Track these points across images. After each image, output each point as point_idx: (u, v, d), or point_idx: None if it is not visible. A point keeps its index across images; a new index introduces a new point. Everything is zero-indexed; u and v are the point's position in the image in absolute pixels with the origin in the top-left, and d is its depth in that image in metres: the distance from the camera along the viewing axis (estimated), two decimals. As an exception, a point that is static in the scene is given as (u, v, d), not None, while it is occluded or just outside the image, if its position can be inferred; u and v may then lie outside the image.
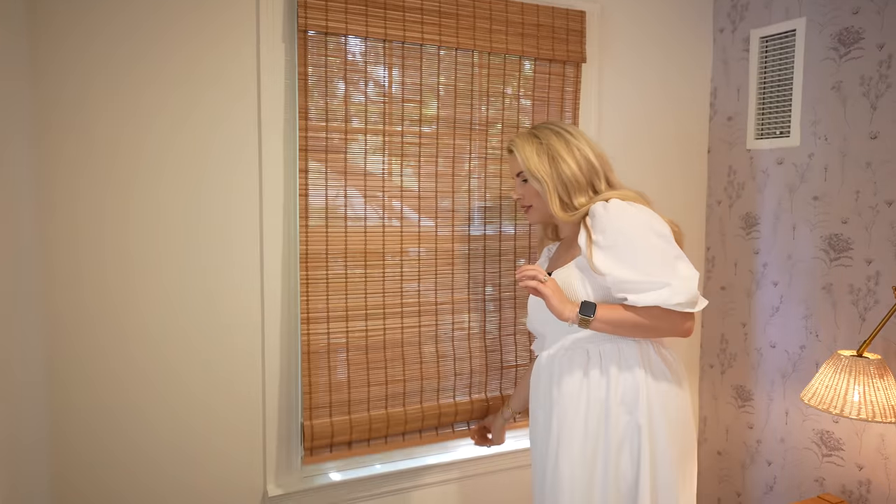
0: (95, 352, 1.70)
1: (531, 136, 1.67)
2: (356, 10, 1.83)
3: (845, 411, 1.71)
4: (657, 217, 1.53)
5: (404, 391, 2.01)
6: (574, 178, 1.59)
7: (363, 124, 1.90)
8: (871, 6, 1.91)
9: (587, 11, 2.17)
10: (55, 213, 1.63)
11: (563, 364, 1.57)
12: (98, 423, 1.72)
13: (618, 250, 1.47)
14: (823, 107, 2.06)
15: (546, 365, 1.61)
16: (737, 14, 2.37)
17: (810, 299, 2.12)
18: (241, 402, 1.87)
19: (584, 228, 1.55)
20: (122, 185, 1.69)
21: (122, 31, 1.65)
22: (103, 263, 1.69)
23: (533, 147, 1.64)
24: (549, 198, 1.60)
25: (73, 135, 1.63)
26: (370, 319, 1.95)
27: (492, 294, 2.12)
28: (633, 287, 1.46)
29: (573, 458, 1.52)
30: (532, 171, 1.62)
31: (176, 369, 1.78)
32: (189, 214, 1.76)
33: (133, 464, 1.76)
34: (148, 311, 1.74)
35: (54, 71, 1.60)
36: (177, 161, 1.74)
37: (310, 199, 1.85)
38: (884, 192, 1.90)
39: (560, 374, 1.57)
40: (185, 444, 1.81)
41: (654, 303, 1.45)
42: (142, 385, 1.75)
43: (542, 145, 1.63)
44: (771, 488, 2.28)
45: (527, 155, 1.64)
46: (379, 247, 1.95)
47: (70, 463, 1.70)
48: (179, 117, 1.73)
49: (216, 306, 1.81)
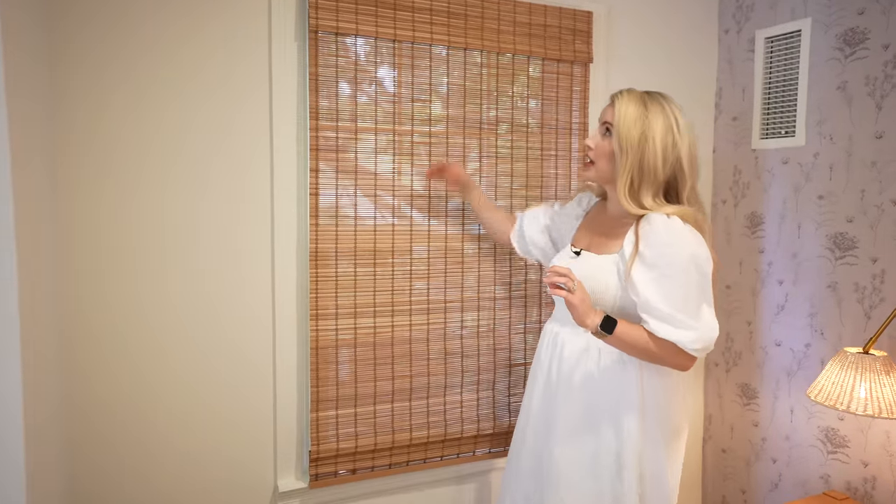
0: (109, 351, 1.72)
1: (640, 100, 1.52)
2: (366, 11, 1.85)
3: (851, 407, 1.73)
4: (706, 250, 1.48)
5: (411, 387, 2.03)
6: (652, 170, 1.49)
7: (373, 124, 1.92)
8: (877, 6, 1.93)
9: (594, 12, 2.19)
10: (71, 222, 1.65)
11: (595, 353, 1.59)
12: (111, 422, 1.73)
13: (658, 273, 1.44)
14: (829, 107, 2.08)
15: (570, 346, 1.61)
16: (742, 15, 2.38)
17: (815, 298, 2.13)
18: (252, 398, 1.88)
19: (634, 234, 1.49)
20: (132, 187, 1.71)
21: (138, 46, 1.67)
22: (117, 265, 1.71)
23: (637, 110, 1.50)
24: (621, 174, 1.50)
25: (90, 153, 1.65)
26: (379, 317, 1.97)
27: (501, 293, 2.14)
28: (660, 316, 1.44)
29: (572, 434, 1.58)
30: (620, 132, 1.49)
31: (188, 368, 1.80)
32: (201, 214, 1.78)
33: (145, 466, 1.78)
34: (161, 310, 1.76)
35: (71, 93, 1.62)
36: (189, 162, 1.76)
37: (320, 198, 1.87)
38: (889, 191, 1.92)
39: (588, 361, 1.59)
40: (197, 438, 1.83)
41: (675, 340, 1.44)
42: (155, 383, 1.77)
43: (644, 115, 1.49)
44: (776, 485, 2.30)
45: (625, 113, 1.49)
46: (388, 245, 1.97)
47: (85, 464, 1.72)
48: (191, 118, 1.75)
49: (228, 306, 1.83)
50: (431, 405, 2.06)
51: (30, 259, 1.37)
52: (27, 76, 1.40)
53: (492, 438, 2.16)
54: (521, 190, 2.12)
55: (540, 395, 1.69)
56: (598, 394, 1.57)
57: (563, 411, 1.60)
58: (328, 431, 1.93)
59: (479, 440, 2.14)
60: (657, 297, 1.43)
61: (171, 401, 1.79)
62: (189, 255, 1.78)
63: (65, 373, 1.67)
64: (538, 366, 1.71)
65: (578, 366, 1.59)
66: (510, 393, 2.17)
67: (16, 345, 1.28)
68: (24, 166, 1.34)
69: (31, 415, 1.35)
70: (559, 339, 1.65)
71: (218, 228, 1.80)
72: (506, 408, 2.17)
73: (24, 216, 1.34)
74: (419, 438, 2.04)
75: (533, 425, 1.69)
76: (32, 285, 1.38)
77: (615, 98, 1.55)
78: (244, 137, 1.81)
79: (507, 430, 2.17)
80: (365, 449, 1.98)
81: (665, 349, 1.47)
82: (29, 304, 1.35)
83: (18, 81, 1.33)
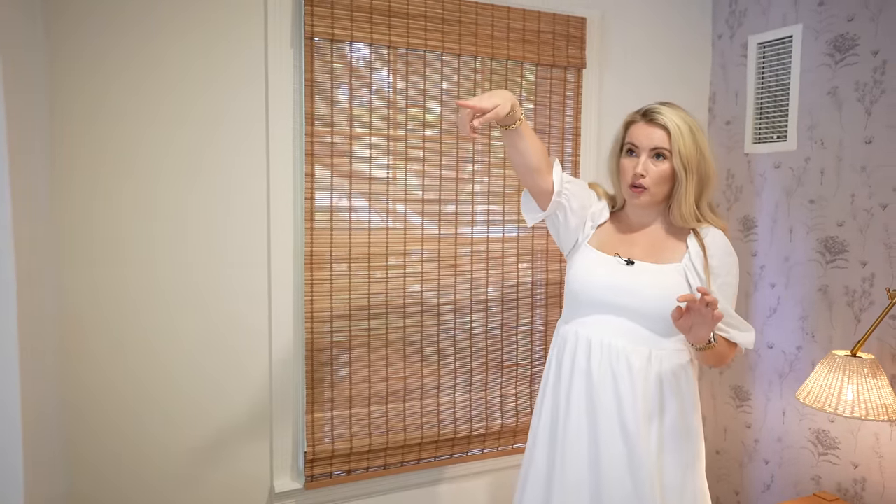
0: (104, 352, 1.75)
1: (681, 115, 1.49)
2: (361, 18, 1.88)
3: (839, 409, 1.75)
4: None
5: (405, 388, 2.05)
6: (707, 181, 1.49)
7: (368, 129, 1.95)
8: (866, 13, 1.95)
9: (587, 18, 2.21)
10: (68, 217, 1.68)
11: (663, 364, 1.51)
12: (107, 422, 1.76)
13: (721, 281, 1.48)
14: (819, 112, 2.10)
15: (641, 362, 1.50)
16: (735, 20, 2.41)
17: (807, 301, 2.15)
18: (249, 400, 1.91)
19: (698, 243, 1.49)
20: (132, 191, 1.74)
21: (131, 49, 1.71)
22: (117, 267, 1.74)
23: (685, 126, 1.47)
24: (685, 194, 1.47)
25: (86, 145, 1.68)
26: (373, 319, 2.00)
27: (494, 295, 2.16)
28: (727, 322, 1.47)
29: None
30: (682, 153, 1.45)
31: (185, 370, 1.83)
32: (198, 218, 1.81)
33: (141, 466, 1.81)
34: (158, 313, 1.79)
35: (69, 85, 1.65)
36: (184, 166, 1.79)
37: (315, 202, 1.90)
38: (878, 196, 1.94)
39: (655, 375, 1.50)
40: (194, 440, 1.86)
41: (741, 342, 1.49)
42: (151, 385, 1.80)
43: (691, 130, 1.47)
44: (768, 487, 2.32)
45: (683, 132, 1.46)
46: (383, 248, 2.00)
47: (80, 465, 1.75)
48: (192, 123, 1.78)
49: (225, 308, 1.86)
50: (425, 406, 2.09)
51: (27, 258, 1.40)
52: (24, 72, 1.42)
53: (485, 439, 2.18)
54: (514, 194, 2.15)
55: (596, 410, 1.52)
56: (679, 399, 1.53)
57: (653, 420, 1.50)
58: (323, 433, 1.96)
59: (473, 441, 2.17)
60: (725, 304, 1.47)
61: (168, 402, 1.82)
62: (186, 258, 1.81)
63: (61, 375, 1.70)
64: (588, 381, 1.53)
65: (650, 374, 1.50)
66: (503, 394, 2.20)
67: (13, 345, 1.31)
68: (21, 166, 1.37)
69: (29, 412, 1.38)
70: (614, 349, 1.51)
71: (215, 232, 1.83)
72: (498, 409, 2.20)
73: (21, 217, 1.37)
74: (413, 439, 2.07)
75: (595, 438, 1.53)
76: (31, 284, 1.41)
77: (658, 119, 1.48)
78: (240, 144, 1.84)
79: (499, 430, 2.19)
80: (360, 450, 2.00)
81: (732, 351, 1.53)
82: (27, 303, 1.38)
83: (16, 77, 1.35)
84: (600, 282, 1.52)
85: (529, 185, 1.57)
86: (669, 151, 1.47)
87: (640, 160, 1.49)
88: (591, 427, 1.51)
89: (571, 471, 1.52)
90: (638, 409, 1.47)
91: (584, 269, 1.56)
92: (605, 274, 1.52)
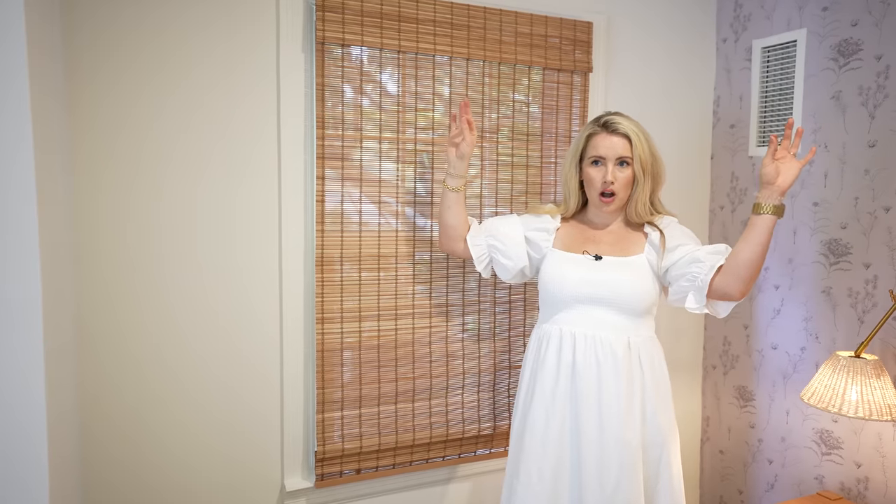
0: (120, 354, 1.77)
1: (636, 122, 1.72)
2: (371, 23, 1.91)
3: (843, 410, 1.77)
4: None
5: (414, 388, 2.08)
6: (661, 179, 1.75)
7: (377, 132, 1.97)
8: (870, 18, 1.97)
9: (594, 22, 2.23)
10: (86, 223, 1.71)
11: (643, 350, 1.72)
12: (123, 418, 1.79)
13: (688, 241, 1.69)
14: (823, 115, 2.12)
15: (621, 348, 1.68)
16: (739, 25, 2.43)
17: (810, 302, 2.18)
18: (260, 400, 1.94)
19: (657, 231, 1.70)
20: (143, 196, 1.76)
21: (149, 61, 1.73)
22: (130, 268, 1.76)
23: (643, 133, 1.70)
24: (641, 193, 1.70)
25: (103, 154, 1.71)
26: (382, 320, 2.02)
27: (501, 296, 2.19)
28: (715, 249, 1.64)
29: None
30: (641, 157, 1.67)
31: (199, 371, 1.86)
32: (211, 223, 1.84)
33: (155, 464, 1.83)
34: (173, 317, 1.81)
35: (87, 95, 1.68)
36: (197, 173, 1.81)
37: (326, 204, 1.92)
38: (882, 199, 1.96)
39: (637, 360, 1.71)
40: (207, 439, 1.88)
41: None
42: (167, 385, 1.82)
43: (647, 136, 1.71)
44: (772, 486, 2.34)
45: (641, 139, 1.69)
46: (392, 250, 2.02)
47: (98, 463, 1.77)
48: (205, 129, 1.81)
49: (238, 310, 1.88)
50: (434, 406, 2.11)
51: (51, 263, 1.42)
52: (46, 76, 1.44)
53: (492, 439, 2.21)
54: (522, 196, 2.18)
55: (578, 394, 1.69)
56: (651, 369, 1.73)
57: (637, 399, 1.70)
58: (333, 432, 1.98)
59: (480, 440, 2.19)
60: (696, 245, 1.68)
61: (182, 403, 1.85)
62: (200, 263, 1.83)
63: (79, 377, 1.73)
64: (574, 373, 1.69)
65: (632, 359, 1.70)
66: (510, 394, 2.22)
67: (39, 347, 1.33)
68: (45, 169, 1.39)
69: (53, 412, 1.40)
70: (598, 340, 1.68)
71: (226, 235, 1.86)
72: (506, 409, 2.22)
73: (46, 227, 1.39)
74: (422, 439, 2.09)
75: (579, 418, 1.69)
76: (55, 291, 1.44)
77: (621, 129, 1.68)
78: (252, 148, 1.87)
79: (507, 430, 2.22)
80: (369, 449, 2.03)
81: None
82: (51, 306, 1.40)
83: (41, 89, 1.37)
84: (574, 277, 1.70)
85: (459, 251, 1.89)
86: (631, 158, 1.68)
87: (608, 169, 1.69)
88: (573, 416, 1.68)
89: (554, 454, 1.70)
90: (621, 391, 1.65)
91: (558, 268, 1.74)
92: (578, 270, 1.71)
